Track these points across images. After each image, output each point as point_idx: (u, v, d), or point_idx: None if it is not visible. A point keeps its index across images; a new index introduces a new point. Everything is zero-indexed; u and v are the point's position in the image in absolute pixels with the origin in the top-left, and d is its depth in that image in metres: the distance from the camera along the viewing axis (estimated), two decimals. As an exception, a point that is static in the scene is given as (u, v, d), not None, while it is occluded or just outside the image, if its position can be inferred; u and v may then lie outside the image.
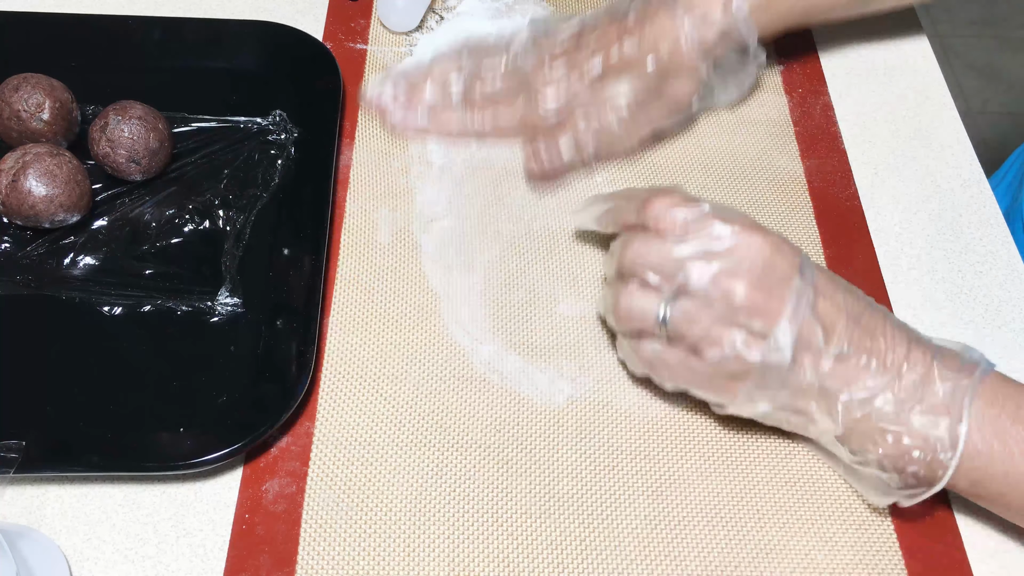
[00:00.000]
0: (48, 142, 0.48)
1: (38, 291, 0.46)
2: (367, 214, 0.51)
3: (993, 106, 1.73)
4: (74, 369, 0.44)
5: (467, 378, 0.45)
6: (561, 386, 0.45)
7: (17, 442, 0.40)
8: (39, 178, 0.45)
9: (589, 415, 0.44)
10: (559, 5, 0.62)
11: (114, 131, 0.47)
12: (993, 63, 1.81)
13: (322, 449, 0.43)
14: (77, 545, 0.39)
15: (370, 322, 0.47)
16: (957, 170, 0.56)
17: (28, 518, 0.40)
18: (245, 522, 0.40)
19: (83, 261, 0.47)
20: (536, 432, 0.44)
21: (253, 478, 0.41)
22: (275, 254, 0.48)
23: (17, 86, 0.48)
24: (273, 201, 0.50)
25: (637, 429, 0.44)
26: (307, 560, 0.40)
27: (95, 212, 0.49)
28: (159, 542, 0.40)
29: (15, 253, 0.47)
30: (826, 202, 0.53)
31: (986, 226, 0.53)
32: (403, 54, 0.58)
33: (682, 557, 0.41)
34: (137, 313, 0.45)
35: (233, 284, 0.47)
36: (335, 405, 0.44)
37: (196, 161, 0.51)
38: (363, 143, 0.54)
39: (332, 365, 0.45)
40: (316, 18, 0.60)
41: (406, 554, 0.40)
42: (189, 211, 0.49)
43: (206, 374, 0.44)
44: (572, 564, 0.40)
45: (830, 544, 0.41)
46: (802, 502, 0.42)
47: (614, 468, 0.43)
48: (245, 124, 0.53)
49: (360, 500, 0.41)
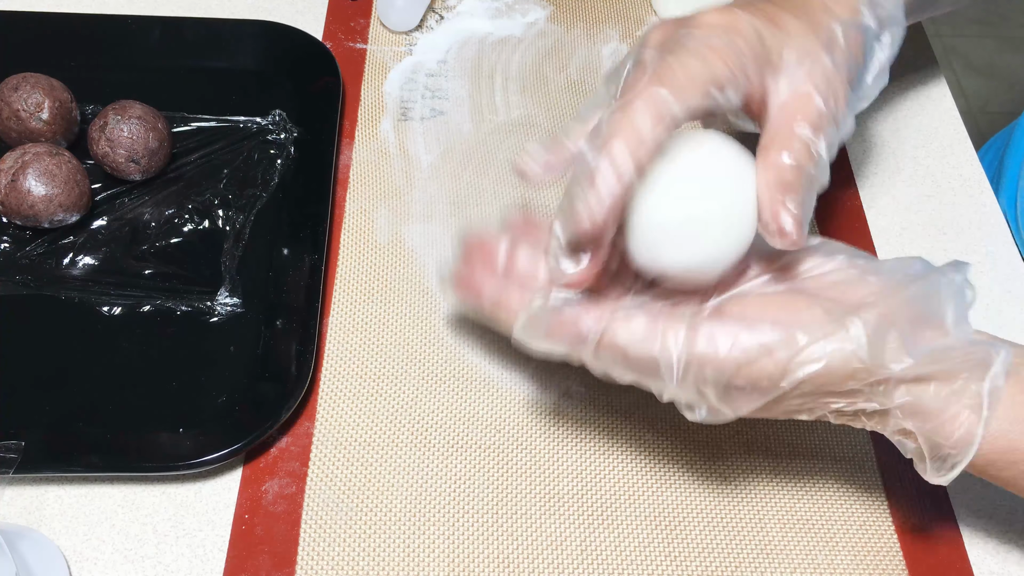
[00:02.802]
0: (47, 142, 0.48)
1: (37, 291, 0.46)
2: (367, 214, 0.51)
3: (993, 106, 1.73)
4: (74, 369, 0.44)
5: (467, 378, 0.45)
6: (562, 384, 0.45)
7: (17, 442, 0.40)
8: (38, 178, 0.45)
9: (589, 415, 0.44)
10: (559, 5, 0.62)
11: (113, 131, 0.47)
12: (993, 63, 1.81)
13: (322, 449, 0.43)
14: (77, 545, 0.39)
15: (370, 322, 0.47)
16: (957, 170, 0.56)
17: (28, 518, 0.40)
18: (245, 522, 0.40)
19: (82, 261, 0.47)
20: (536, 432, 0.44)
21: (253, 478, 0.41)
22: (275, 254, 0.48)
23: (16, 85, 0.48)
24: (273, 201, 0.50)
25: (637, 429, 0.44)
26: (307, 560, 0.39)
27: (94, 212, 0.48)
28: (159, 542, 0.40)
29: (14, 253, 0.47)
30: (826, 202, 0.53)
31: (986, 226, 0.53)
32: (403, 54, 0.58)
33: (682, 557, 0.41)
34: (137, 313, 0.45)
35: (233, 284, 0.47)
36: (335, 405, 0.44)
37: (196, 161, 0.51)
38: (363, 143, 0.54)
39: (332, 365, 0.45)
40: (316, 18, 0.60)
41: (406, 554, 0.40)
42: (189, 211, 0.49)
43: (206, 374, 0.44)
44: (572, 564, 0.40)
45: (830, 544, 0.41)
46: (802, 502, 0.42)
47: (614, 468, 0.43)
48: (245, 124, 0.53)
49: (360, 500, 0.41)
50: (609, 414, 0.44)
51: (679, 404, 0.35)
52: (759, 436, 0.44)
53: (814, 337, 0.33)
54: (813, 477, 0.43)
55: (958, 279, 0.35)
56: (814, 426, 0.45)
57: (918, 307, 0.34)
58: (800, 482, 0.43)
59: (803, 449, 0.44)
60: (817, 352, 0.32)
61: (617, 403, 0.45)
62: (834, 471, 0.43)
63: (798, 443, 0.44)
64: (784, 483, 0.43)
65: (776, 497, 0.43)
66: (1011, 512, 0.43)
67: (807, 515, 0.42)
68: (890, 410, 0.34)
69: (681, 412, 0.36)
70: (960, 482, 0.44)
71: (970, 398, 0.34)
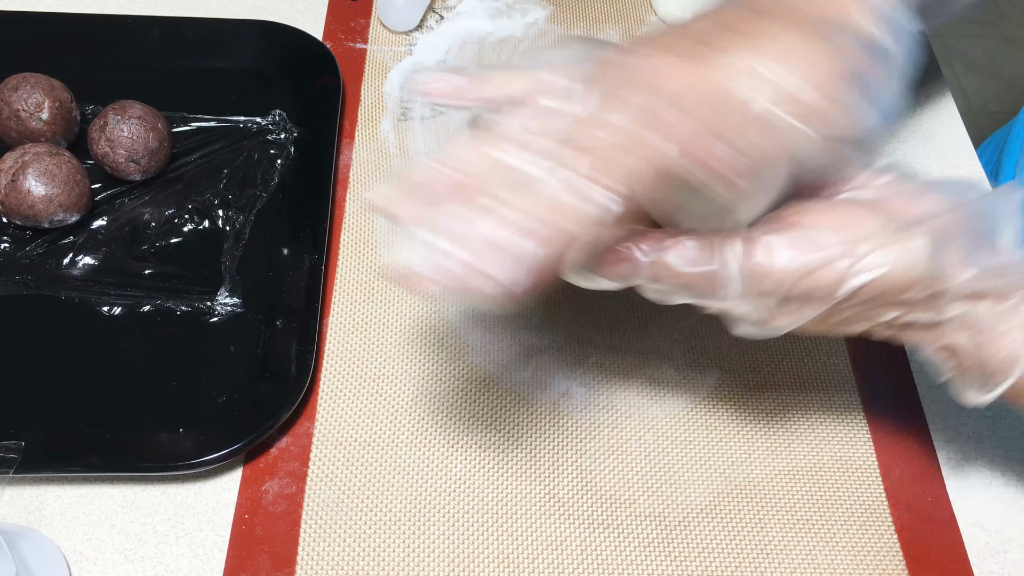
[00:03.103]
0: (47, 142, 0.48)
1: (37, 291, 0.46)
2: (367, 214, 0.51)
3: (993, 106, 1.73)
4: (74, 369, 0.44)
5: (467, 378, 0.45)
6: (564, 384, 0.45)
7: (17, 442, 0.40)
8: (38, 178, 0.45)
9: (589, 415, 0.44)
10: (559, 5, 0.62)
11: (113, 131, 0.47)
12: (993, 63, 1.81)
13: (322, 449, 0.43)
14: (77, 545, 0.39)
15: (370, 322, 0.47)
16: (957, 170, 0.56)
17: (28, 518, 0.40)
18: (245, 522, 0.40)
19: (82, 261, 0.47)
20: (536, 432, 0.44)
21: (253, 478, 0.41)
22: (275, 254, 0.48)
23: (16, 86, 0.48)
24: (273, 201, 0.50)
25: (637, 429, 0.44)
26: (307, 560, 0.39)
27: (94, 212, 0.48)
28: (159, 542, 0.40)
29: (14, 253, 0.47)
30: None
31: (986, 226, 0.53)
32: (403, 53, 0.58)
33: (682, 556, 0.41)
34: (137, 313, 0.45)
35: (233, 284, 0.47)
36: (335, 405, 0.44)
37: (196, 161, 0.51)
38: (363, 143, 0.54)
39: (332, 365, 0.45)
40: (316, 18, 0.60)
41: (406, 554, 0.40)
42: (189, 211, 0.49)
43: (206, 374, 0.44)
44: (572, 564, 0.40)
45: (830, 544, 0.41)
46: (802, 501, 0.42)
47: (614, 468, 0.43)
48: (245, 124, 0.53)
49: (360, 500, 0.41)
50: (609, 414, 0.44)
51: (727, 318, 0.34)
52: (759, 436, 0.44)
53: (876, 245, 0.32)
54: (814, 477, 0.43)
55: (1012, 199, 0.35)
56: (815, 425, 0.45)
57: (977, 223, 0.34)
58: (800, 482, 0.43)
59: (804, 449, 0.44)
60: (878, 260, 0.32)
61: (617, 403, 0.45)
62: (835, 471, 0.43)
63: (798, 442, 0.44)
64: (784, 483, 0.43)
65: (776, 497, 0.43)
66: (1011, 512, 0.43)
67: (807, 515, 0.42)
68: (942, 324, 0.34)
69: (727, 327, 0.35)
70: (961, 484, 0.44)
71: (1022, 317, 0.34)
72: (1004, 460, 0.45)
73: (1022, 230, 0.35)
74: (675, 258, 0.33)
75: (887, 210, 0.34)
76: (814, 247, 0.32)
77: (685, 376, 0.46)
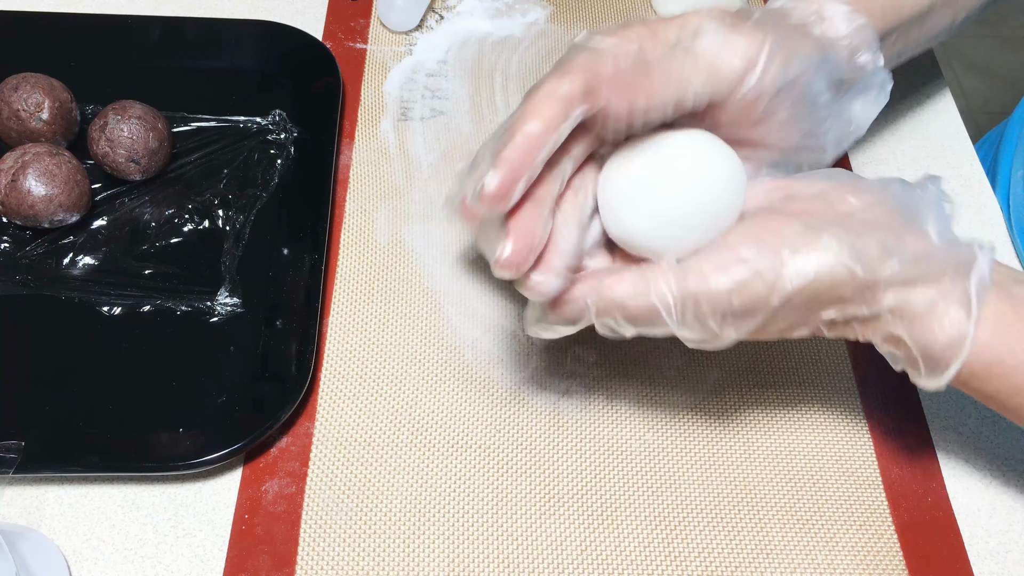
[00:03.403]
0: (47, 142, 0.48)
1: (37, 291, 0.46)
2: (367, 214, 0.51)
3: (993, 106, 1.73)
4: (74, 369, 0.44)
5: (467, 378, 0.45)
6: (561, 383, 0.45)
7: (17, 442, 0.40)
8: (38, 178, 0.45)
9: (589, 415, 0.44)
10: (559, 5, 0.62)
11: (113, 131, 0.47)
12: (993, 63, 1.81)
13: (322, 449, 0.43)
14: (77, 545, 0.39)
15: (370, 322, 0.47)
16: (957, 169, 0.56)
17: (28, 518, 0.40)
18: (245, 522, 0.40)
19: (82, 261, 0.47)
20: (536, 432, 0.44)
21: (253, 478, 0.41)
22: (275, 254, 0.48)
23: (16, 86, 0.48)
24: (273, 201, 0.50)
25: (637, 429, 0.44)
26: (307, 560, 0.39)
27: (94, 212, 0.48)
28: (159, 542, 0.40)
29: (14, 253, 0.47)
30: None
31: (987, 226, 0.53)
32: (403, 53, 0.58)
33: (682, 557, 0.41)
34: (137, 313, 0.45)
35: (233, 284, 0.47)
36: (335, 405, 0.44)
37: (196, 161, 0.51)
38: (363, 143, 0.54)
39: (332, 365, 0.45)
40: (316, 17, 0.60)
41: (406, 554, 0.40)
42: (189, 211, 0.49)
43: (206, 374, 0.44)
44: (572, 564, 0.40)
45: (830, 544, 0.41)
46: (802, 501, 0.42)
47: (614, 468, 0.43)
48: (245, 124, 0.53)
49: (360, 500, 0.41)
50: (609, 415, 0.44)
51: (680, 335, 0.36)
52: (759, 436, 0.44)
53: (796, 249, 0.33)
54: (814, 477, 0.43)
55: (933, 189, 0.36)
56: (814, 425, 0.45)
57: (899, 217, 0.35)
58: (800, 482, 0.43)
59: (803, 449, 0.44)
60: (801, 264, 0.33)
61: (617, 404, 0.45)
62: (835, 471, 0.43)
63: (798, 443, 0.44)
64: (784, 483, 0.43)
65: (776, 497, 0.43)
66: (1011, 512, 0.43)
67: (807, 515, 0.42)
68: (881, 315, 0.35)
69: (683, 342, 0.36)
70: (961, 482, 0.44)
71: (958, 295, 0.34)
72: (1004, 460, 0.45)
73: (944, 218, 0.36)
74: (615, 292, 0.34)
75: (809, 212, 0.35)
76: (737, 261, 0.34)
77: (685, 376, 0.46)
